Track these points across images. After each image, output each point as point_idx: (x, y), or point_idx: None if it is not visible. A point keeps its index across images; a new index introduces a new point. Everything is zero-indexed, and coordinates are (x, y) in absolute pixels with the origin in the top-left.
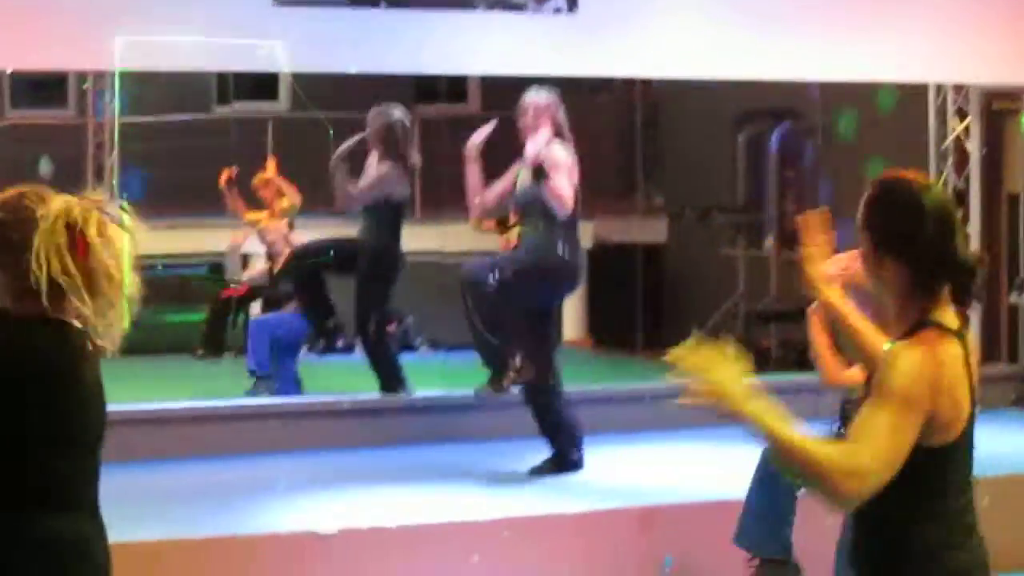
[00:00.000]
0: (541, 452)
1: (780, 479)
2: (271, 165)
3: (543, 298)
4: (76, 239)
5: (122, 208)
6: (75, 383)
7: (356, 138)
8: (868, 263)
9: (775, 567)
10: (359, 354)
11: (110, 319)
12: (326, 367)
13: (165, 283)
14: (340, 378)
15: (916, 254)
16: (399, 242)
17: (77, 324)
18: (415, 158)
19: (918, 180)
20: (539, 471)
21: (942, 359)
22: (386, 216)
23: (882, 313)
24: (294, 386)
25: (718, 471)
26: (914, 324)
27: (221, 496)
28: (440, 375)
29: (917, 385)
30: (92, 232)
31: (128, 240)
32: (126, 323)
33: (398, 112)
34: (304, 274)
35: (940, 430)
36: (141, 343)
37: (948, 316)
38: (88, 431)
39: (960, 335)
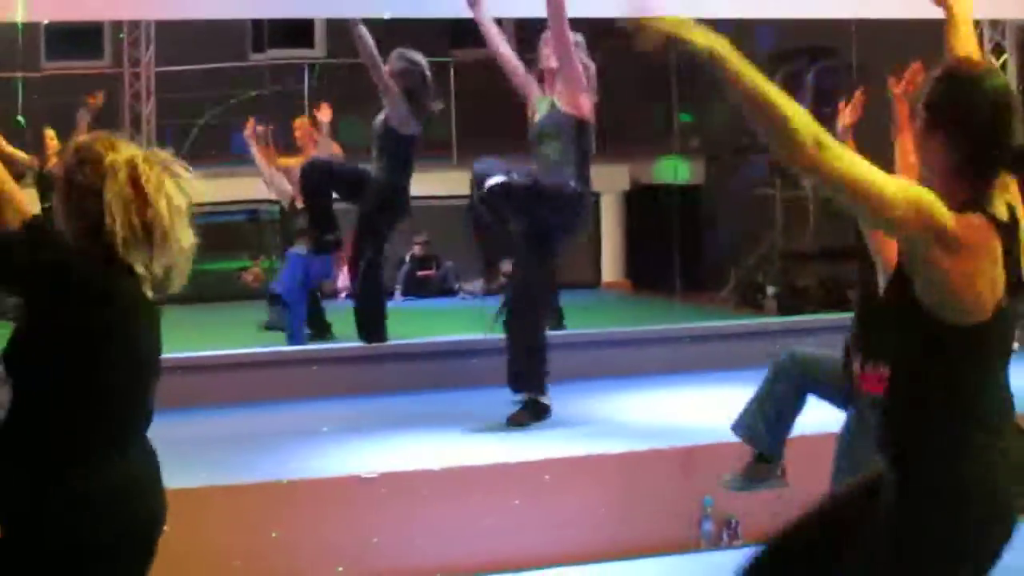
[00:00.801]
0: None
1: (794, 380)
2: (323, 111)
3: (549, 225)
4: (139, 193)
5: (184, 167)
6: (139, 329)
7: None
8: (920, 139)
9: (762, 465)
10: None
11: (167, 273)
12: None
13: (205, 231)
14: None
15: (968, 133)
16: (405, 180)
17: (139, 270)
18: (434, 105)
19: (983, 65)
20: (517, 423)
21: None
22: (395, 151)
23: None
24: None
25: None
26: (960, 205)
27: (263, 442)
28: (480, 320)
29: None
30: (153, 188)
31: (186, 197)
32: (182, 279)
33: (417, 57)
34: (311, 182)
35: (966, 306)
36: (182, 291)
37: (998, 207)
38: (146, 377)
39: (1006, 226)
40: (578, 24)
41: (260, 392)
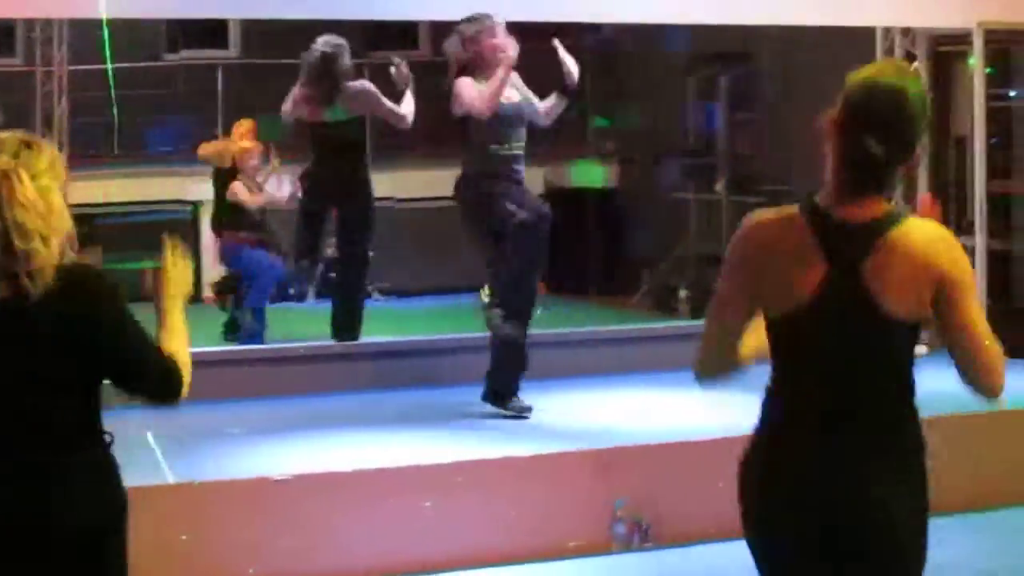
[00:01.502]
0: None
1: None
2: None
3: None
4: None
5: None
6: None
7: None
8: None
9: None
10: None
11: (34, 265)
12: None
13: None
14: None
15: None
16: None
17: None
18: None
19: (871, 73)
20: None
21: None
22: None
23: None
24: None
25: (670, 413)
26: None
27: (177, 442)
28: (395, 321)
29: None
30: (15, 181)
31: (58, 187)
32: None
33: (319, 46)
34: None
35: (764, 300)
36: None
37: (861, 206)
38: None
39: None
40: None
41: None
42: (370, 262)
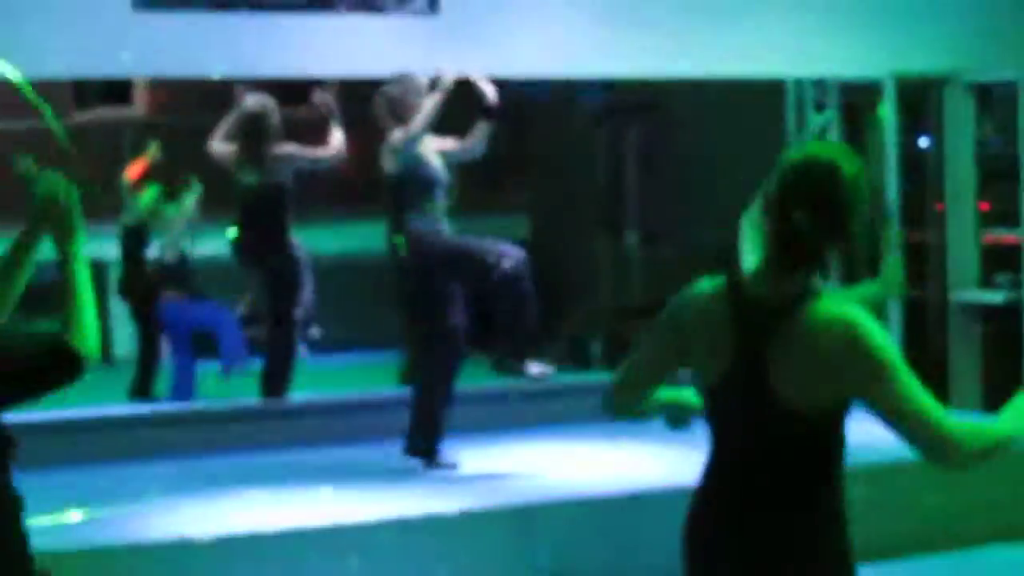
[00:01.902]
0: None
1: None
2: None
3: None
4: None
5: None
6: None
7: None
8: None
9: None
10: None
11: None
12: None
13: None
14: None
15: None
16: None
17: None
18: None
19: (806, 151)
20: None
21: None
22: None
23: None
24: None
25: (589, 467)
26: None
27: (88, 505)
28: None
29: None
30: None
31: None
32: None
33: (250, 104)
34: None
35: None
36: None
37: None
38: None
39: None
40: None
41: (91, 453)
42: (296, 322)
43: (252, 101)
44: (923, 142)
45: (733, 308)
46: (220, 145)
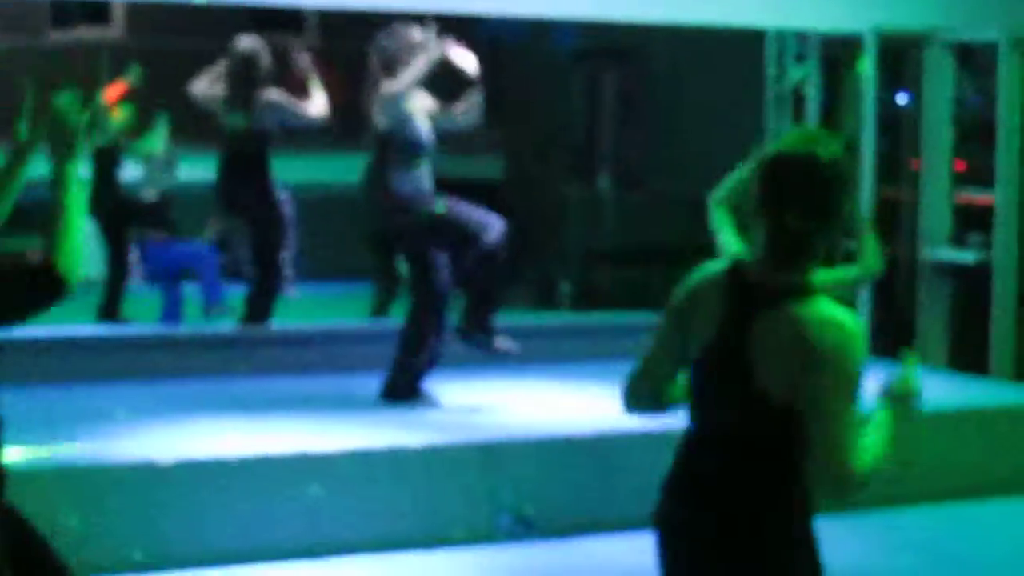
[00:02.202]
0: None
1: None
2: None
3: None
4: None
5: None
6: None
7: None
8: None
9: None
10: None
11: None
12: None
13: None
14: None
15: None
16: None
17: None
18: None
19: (781, 146)
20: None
21: None
22: None
23: None
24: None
25: (554, 407)
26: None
27: (63, 424)
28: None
29: None
30: None
31: None
32: None
33: (241, 45)
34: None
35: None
36: None
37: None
38: None
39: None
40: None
41: (69, 373)
42: (280, 266)
43: (245, 43)
44: (901, 99)
45: (728, 289)
46: (205, 87)
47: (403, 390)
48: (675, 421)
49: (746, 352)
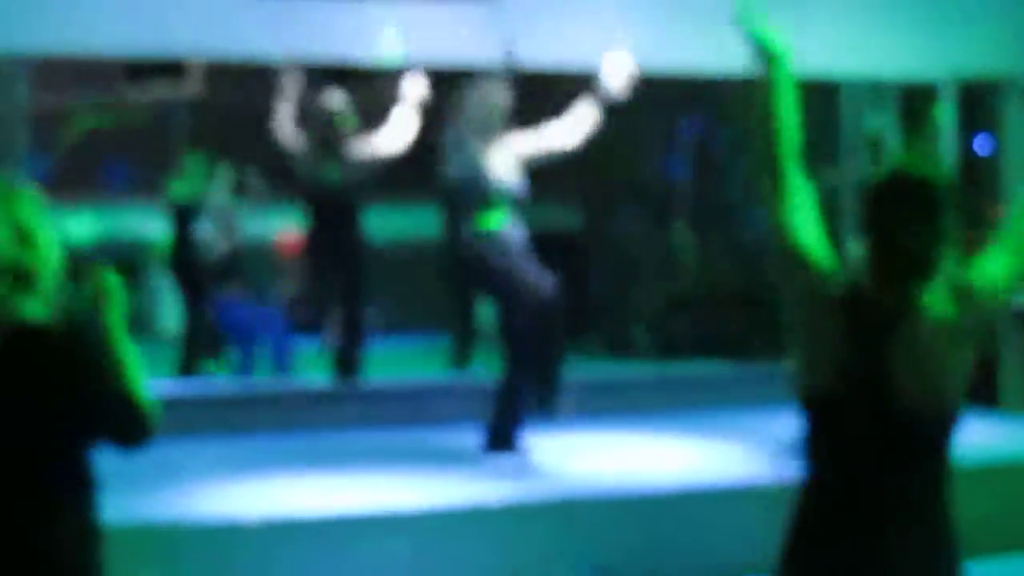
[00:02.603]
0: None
1: None
2: None
3: None
4: None
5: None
6: None
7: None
8: None
9: None
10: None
11: None
12: None
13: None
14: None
15: None
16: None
17: None
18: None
19: (896, 167)
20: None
21: None
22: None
23: None
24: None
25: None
26: None
27: (140, 481)
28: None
29: None
30: None
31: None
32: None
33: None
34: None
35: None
36: None
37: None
38: None
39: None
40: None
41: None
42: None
43: (335, 100)
44: (980, 146)
45: (850, 311)
46: (289, 133)
47: (502, 441)
48: (756, 475)
49: (890, 375)
